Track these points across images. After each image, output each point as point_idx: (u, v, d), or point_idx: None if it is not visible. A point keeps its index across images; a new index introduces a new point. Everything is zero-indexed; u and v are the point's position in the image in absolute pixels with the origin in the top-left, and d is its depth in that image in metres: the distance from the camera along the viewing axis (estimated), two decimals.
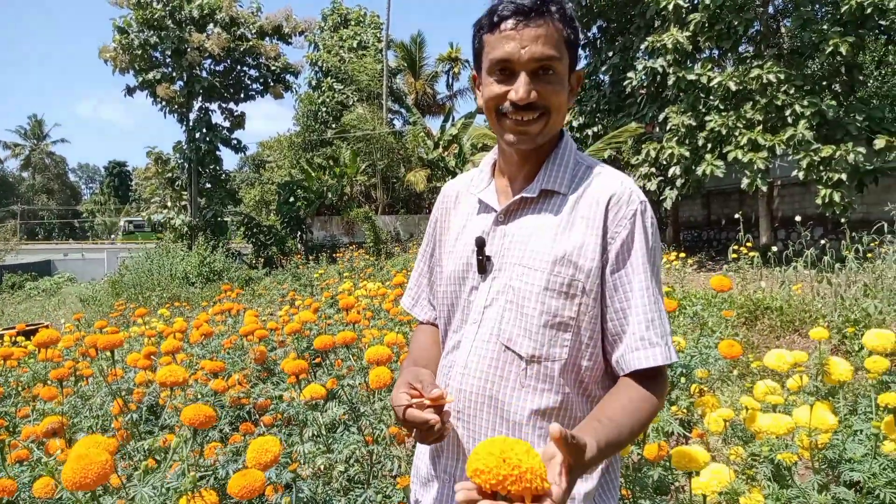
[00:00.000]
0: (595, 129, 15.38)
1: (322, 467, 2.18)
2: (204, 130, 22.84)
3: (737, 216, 9.75)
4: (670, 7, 12.56)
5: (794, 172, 11.51)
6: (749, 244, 8.10)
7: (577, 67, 1.24)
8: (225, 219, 24.15)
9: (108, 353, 2.29)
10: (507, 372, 1.14)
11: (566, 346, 1.12)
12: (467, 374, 1.17)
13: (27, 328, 5.05)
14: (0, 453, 1.88)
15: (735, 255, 8.06)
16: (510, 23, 1.11)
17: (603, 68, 15.57)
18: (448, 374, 1.22)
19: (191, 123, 22.86)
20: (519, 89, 1.12)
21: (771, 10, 13.31)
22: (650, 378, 1.11)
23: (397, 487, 1.88)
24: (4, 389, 3.04)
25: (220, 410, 2.76)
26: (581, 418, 1.12)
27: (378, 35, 27.59)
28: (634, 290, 1.11)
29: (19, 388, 3.16)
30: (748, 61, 12.25)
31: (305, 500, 1.93)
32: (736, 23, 11.95)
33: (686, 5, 12.62)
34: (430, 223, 1.44)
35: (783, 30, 13.70)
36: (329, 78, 26.78)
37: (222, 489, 2.10)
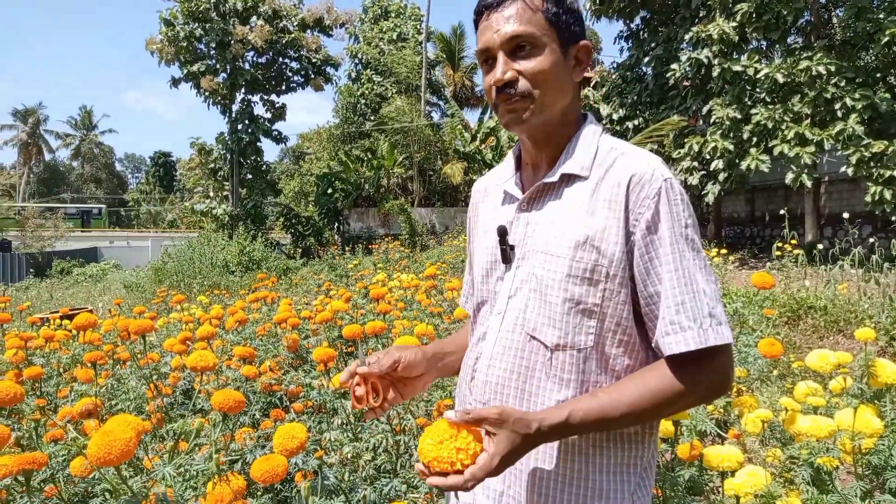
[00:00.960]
0: (636, 121, 15.10)
1: (349, 455, 2.18)
2: (246, 122, 23.25)
3: (782, 212, 9.49)
4: None
5: (843, 168, 11.11)
6: (794, 241, 7.87)
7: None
8: (265, 209, 24.55)
9: (142, 339, 2.34)
10: (533, 362, 1.12)
11: (592, 333, 1.09)
12: (493, 366, 1.16)
13: (71, 312, 5.20)
14: (35, 431, 1.93)
15: (779, 253, 7.84)
16: (484, 14, 1.15)
17: (645, 60, 15.25)
18: (475, 366, 1.21)
19: (233, 115, 23.29)
20: (496, 70, 1.12)
21: None
22: (686, 364, 1.05)
23: (415, 471, 1.87)
24: (46, 371, 3.13)
25: (251, 396, 2.79)
26: None
27: (418, 27, 27.60)
28: (663, 273, 1.06)
29: (60, 370, 3.26)
30: (797, 52, 11.85)
31: (331, 487, 1.93)
32: (785, 12, 11.56)
33: None
34: (467, 224, 1.44)
35: (835, 20, 13.21)
36: (368, 70, 26.92)
37: (249, 474, 2.13)
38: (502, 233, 1.19)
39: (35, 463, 1.57)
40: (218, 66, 22.27)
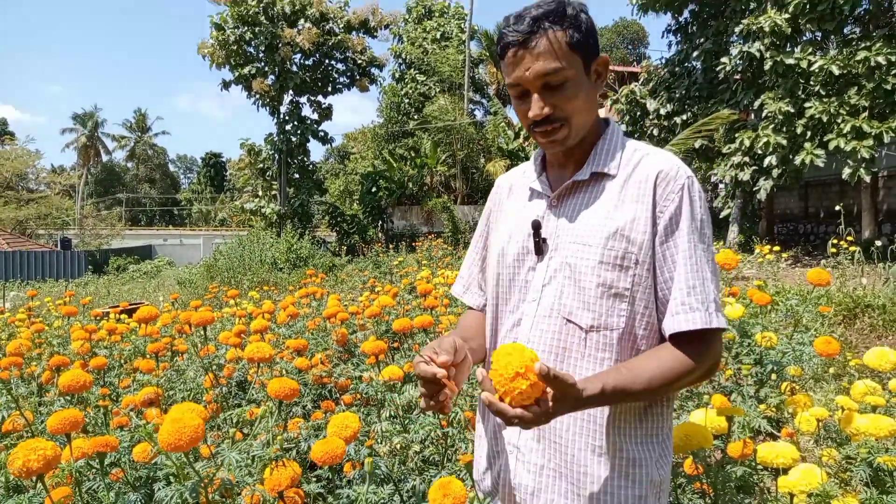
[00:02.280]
0: (684, 116, 14.79)
1: (398, 447, 2.23)
2: (295, 123, 23.69)
3: (837, 208, 9.15)
4: None
5: None
6: (850, 238, 7.61)
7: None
8: (311, 208, 24.96)
9: (201, 330, 2.43)
10: (570, 343, 1.21)
11: (623, 315, 1.19)
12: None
13: (129, 306, 5.41)
14: (104, 417, 2.03)
15: (834, 250, 7.59)
16: (511, 51, 1.20)
17: (694, 54, 14.91)
18: None
19: (281, 116, 23.75)
20: (533, 107, 1.20)
21: None
22: (692, 342, 1.16)
23: (461, 463, 1.90)
24: (109, 361, 3.27)
25: (303, 388, 2.87)
26: None
27: (461, 26, 27.62)
28: (679, 260, 1.18)
29: (122, 361, 3.40)
30: (854, 43, 11.42)
31: (382, 476, 1.98)
32: (841, 2, 11.16)
33: None
34: (483, 215, 1.53)
35: (895, 8, 12.68)
36: (412, 69, 27.09)
37: (303, 462, 2.19)
38: (536, 226, 1.27)
39: (108, 446, 1.66)
40: (267, 68, 22.75)
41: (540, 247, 1.27)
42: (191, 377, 2.87)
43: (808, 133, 11.37)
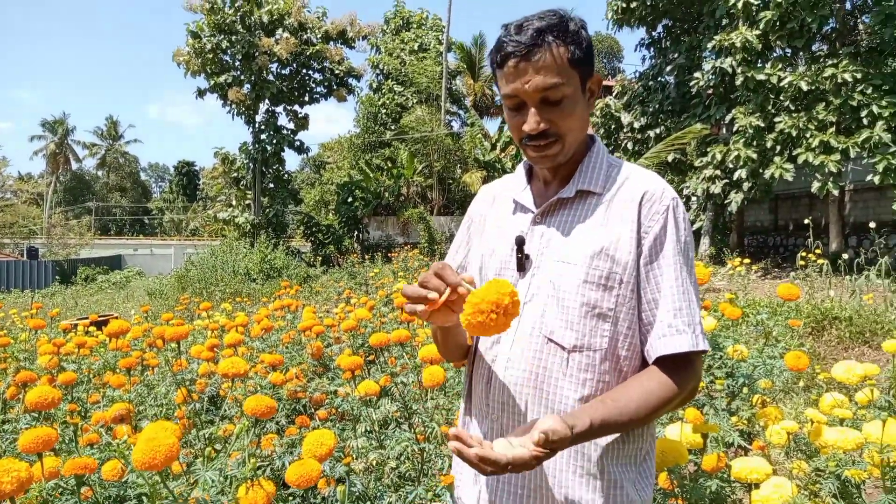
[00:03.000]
0: (658, 130, 15.03)
1: (374, 463, 2.21)
2: (271, 133, 23.53)
3: (806, 222, 9.38)
4: (740, 5, 12.17)
5: (869, 177, 10.96)
6: (818, 251, 7.78)
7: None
8: (286, 218, 24.79)
9: (175, 345, 2.39)
10: (551, 363, 1.19)
11: (606, 335, 1.18)
12: (511, 367, 1.22)
13: (99, 318, 5.31)
14: (74, 436, 1.98)
15: (803, 263, 7.75)
16: (511, 62, 1.17)
17: (668, 68, 15.19)
18: (492, 369, 1.27)
19: (257, 125, 23.58)
20: (530, 120, 1.18)
21: (848, 6, 12.72)
22: (677, 365, 1.15)
23: (442, 485, 1.89)
24: (77, 376, 3.20)
25: (277, 403, 2.83)
26: None
27: (439, 37, 27.76)
28: (664, 281, 1.16)
29: (91, 376, 3.33)
30: (822, 60, 11.75)
31: (358, 493, 1.96)
32: (810, 20, 11.47)
33: (757, 3, 12.20)
34: (463, 226, 1.49)
35: (861, 27, 13.06)
36: (390, 80, 27.13)
37: (278, 479, 2.16)
38: (520, 242, 1.25)
39: (86, 468, 1.62)
40: (243, 77, 22.59)
41: (522, 263, 1.25)
42: (162, 393, 2.82)
43: (778, 147, 11.63)
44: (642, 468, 1.24)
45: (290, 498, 2.15)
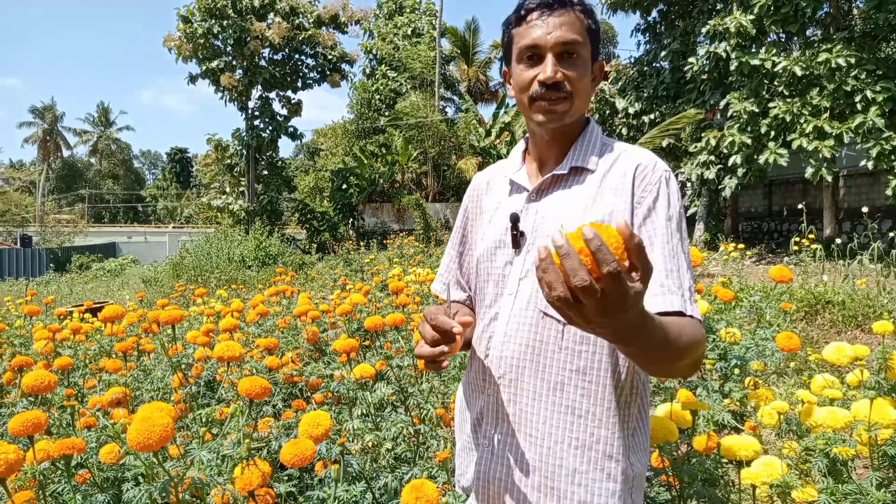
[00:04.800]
0: (652, 115, 15.01)
1: (370, 444, 2.23)
2: (267, 119, 23.40)
3: (800, 207, 9.41)
4: None
5: (863, 162, 11.00)
6: (812, 236, 7.82)
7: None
8: (280, 205, 24.72)
9: (170, 329, 2.40)
10: (546, 336, 1.21)
11: None
12: (508, 341, 1.24)
13: (94, 305, 5.30)
14: (71, 418, 1.99)
15: (797, 248, 7.79)
16: (536, 13, 1.23)
17: (662, 54, 15.14)
18: (489, 344, 1.29)
19: (250, 111, 23.44)
20: (547, 69, 1.21)
21: None
22: None
23: (437, 460, 1.91)
24: (74, 361, 3.21)
25: (273, 387, 2.85)
26: (611, 379, 1.19)
27: (433, 22, 27.58)
28: (656, 242, 1.17)
29: (87, 361, 3.33)
30: (816, 45, 11.72)
31: (354, 474, 1.98)
32: (804, 4, 11.43)
33: None
34: (460, 212, 1.52)
35: (855, 11, 13.04)
36: (383, 66, 26.98)
37: (274, 461, 2.18)
38: (514, 219, 1.27)
39: (74, 448, 1.63)
40: (235, 62, 22.44)
41: (517, 240, 1.27)
42: (158, 377, 2.83)
43: (772, 133, 11.63)
44: (639, 441, 1.26)
45: (287, 479, 2.17)
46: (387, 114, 25.85)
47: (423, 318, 1.20)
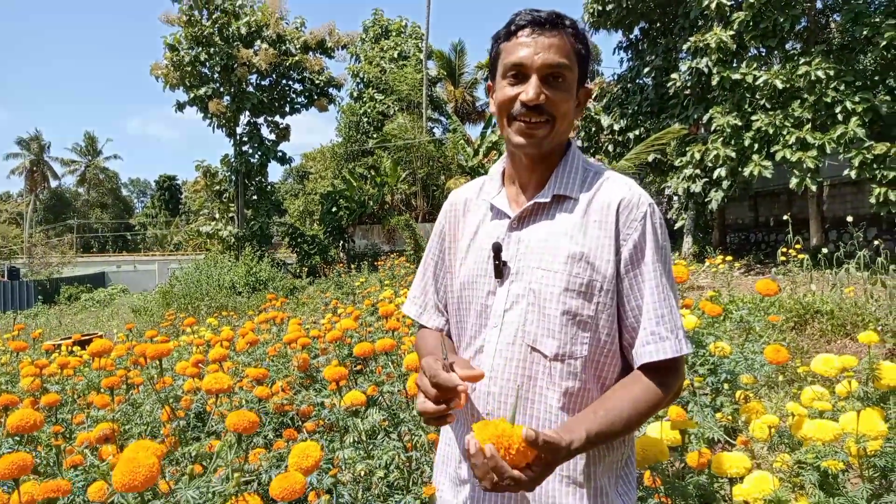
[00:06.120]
0: (637, 132, 15.17)
1: (362, 473, 2.21)
2: (255, 144, 23.42)
3: (785, 217, 9.49)
4: (713, 6, 12.35)
5: (846, 171, 11.14)
6: (798, 246, 7.88)
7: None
8: (270, 229, 24.67)
9: (157, 362, 2.38)
10: (535, 372, 1.19)
11: (586, 343, 1.17)
12: (494, 377, 1.21)
13: (82, 338, 5.25)
14: (56, 458, 1.97)
15: (784, 258, 7.85)
16: (526, 31, 1.20)
17: (645, 70, 15.35)
18: None
19: (238, 137, 23.46)
20: (529, 90, 1.18)
21: (819, 4, 12.94)
22: (661, 371, 1.16)
23: (425, 495, 1.90)
24: (61, 397, 3.17)
25: (264, 417, 2.82)
26: None
27: (419, 45, 27.82)
28: (646, 288, 1.17)
29: (75, 396, 3.29)
30: (795, 58, 11.93)
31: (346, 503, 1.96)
32: (782, 20, 11.66)
33: (730, 3, 12.39)
34: (435, 232, 1.47)
35: (832, 25, 13.29)
36: (370, 88, 27.13)
37: (265, 494, 2.16)
38: (497, 249, 1.24)
39: (59, 490, 1.61)
40: (223, 89, 22.49)
41: (500, 270, 1.23)
42: (147, 411, 2.80)
43: (756, 145, 11.78)
44: (624, 473, 1.25)
45: None
46: (375, 136, 25.95)
47: (420, 370, 1.17)
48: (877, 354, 2.24)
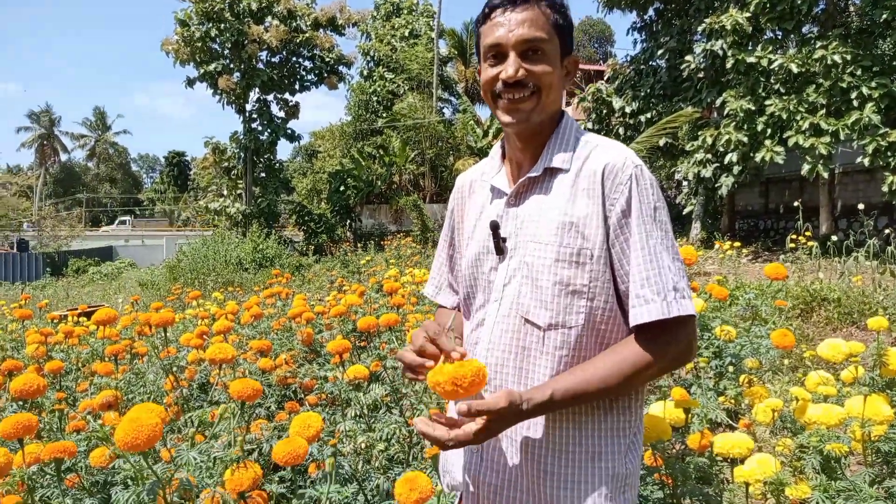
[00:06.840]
0: (649, 114, 14.99)
1: (363, 445, 2.22)
2: (265, 122, 23.37)
3: (796, 204, 9.42)
4: None
5: (859, 159, 10.99)
6: (808, 234, 7.82)
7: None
8: (278, 207, 24.67)
9: (162, 332, 2.39)
10: (529, 342, 1.21)
11: (582, 312, 1.18)
12: (492, 348, 1.25)
13: (88, 309, 5.28)
14: (59, 422, 1.98)
15: (793, 245, 7.79)
16: (499, 10, 1.22)
17: (659, 52, 15.13)
18: (474, 350, 1.31)
19: (248, 114, 23.40)
20: (508, 68, 1.20)
21: None
22: (654, 334, 1.15)
23: (427, 458, 1.90)
24: (66, 365, 3.20)
25: (266, 389, 2.84)
26: None
27: (430, 23, 27.55)
28: (631, 252, 1.17)
29: (79, 364, 3.32)
30: (812, 42, 11.72)
31: (346, 475, 1.97)
32: (799, 1, 11.44)
33: None
34: (447, 214, 1.54)
35: (851, 8, 13.05)
36: (380, 67, 26.94)
37: (267, 464, 2.17)
38: (495, 227, 1.27)
39: (65, 451, 1.62)
40: (233, 65, 22.39)
41: (500, 247, 1.27)
42: (151, 380, 2.82)
43: (769, 130, 11.62)
44: (631, 440, 1.25)
45: (279, 481, 2.16)
46: (384, 115, 25.82)
47: (422, 327, 1.20)
48: (884, 341, 2.23)
